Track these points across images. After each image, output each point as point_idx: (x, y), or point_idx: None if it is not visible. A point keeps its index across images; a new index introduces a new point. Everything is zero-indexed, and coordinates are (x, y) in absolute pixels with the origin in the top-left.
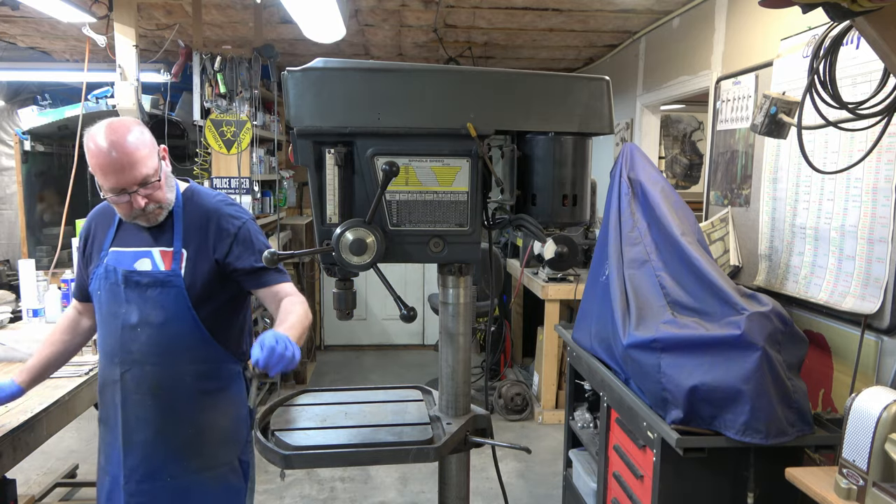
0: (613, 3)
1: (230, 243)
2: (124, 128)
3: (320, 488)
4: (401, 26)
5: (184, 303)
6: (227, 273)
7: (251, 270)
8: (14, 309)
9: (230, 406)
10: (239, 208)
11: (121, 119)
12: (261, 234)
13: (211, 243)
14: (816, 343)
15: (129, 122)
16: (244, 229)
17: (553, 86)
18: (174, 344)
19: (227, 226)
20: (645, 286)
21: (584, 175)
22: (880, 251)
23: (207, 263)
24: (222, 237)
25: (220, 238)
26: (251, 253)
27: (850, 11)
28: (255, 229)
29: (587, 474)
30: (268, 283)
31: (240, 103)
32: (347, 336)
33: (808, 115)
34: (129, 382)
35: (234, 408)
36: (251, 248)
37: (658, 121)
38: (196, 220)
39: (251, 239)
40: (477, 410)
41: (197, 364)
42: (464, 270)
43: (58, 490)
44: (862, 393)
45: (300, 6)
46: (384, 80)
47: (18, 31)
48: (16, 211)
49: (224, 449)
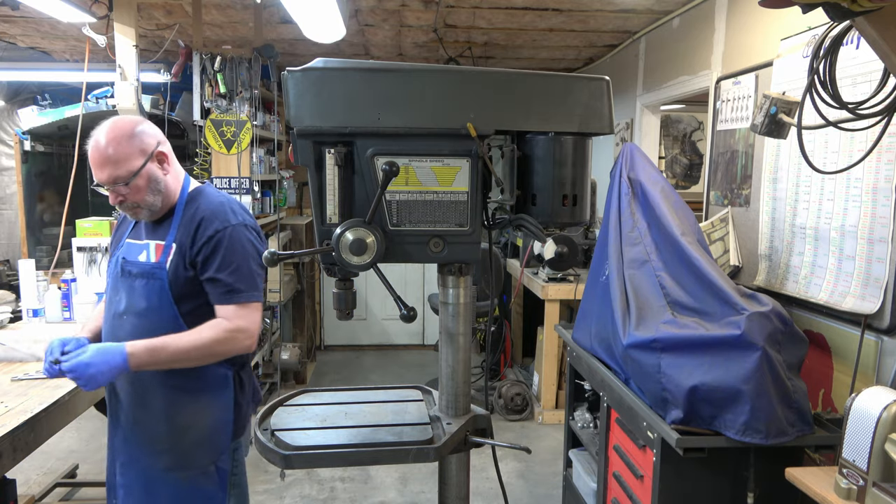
0: (613, 3)
1: (202, 244)
2: (116, 129)
3: (320, 488)
4: (401, 26)
5: (166, 296)
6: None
7: (208, 278)
8: (14, 309)
9: (209, 408)
10: (235, 213)
11: (122, 118)
12: (243, 245)
13: (190, 242)
14: (816, 343)
15: (125, 125)
16: (223, 233)
17: (553, 86)
18: (154, 335)
19: (208, 226)
20: (645, 286)
21: (584, 175)
22: (880, 251)
23: (188, 261)
24: (200, 237)
25: (198, 239)
26: (216, 259)
27: (850, 11)
28: (237, 238)
29: (587, 474)
30: (217, 300)
31: (240, 103)
32: (347, 336)
33: (808, 115)
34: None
35: (214, 411)
36: (218, 253)
37: (658, 121)
38: (190, 218)
39: (224, 245)
40: (477, 410)
41: None
42: (464, 270)
43: (58, 490)
44: (862, 393)
45: (300, 6)
46: (384, 80)
47: (18, 31)
48: (16, 211)
49: (199, 451)
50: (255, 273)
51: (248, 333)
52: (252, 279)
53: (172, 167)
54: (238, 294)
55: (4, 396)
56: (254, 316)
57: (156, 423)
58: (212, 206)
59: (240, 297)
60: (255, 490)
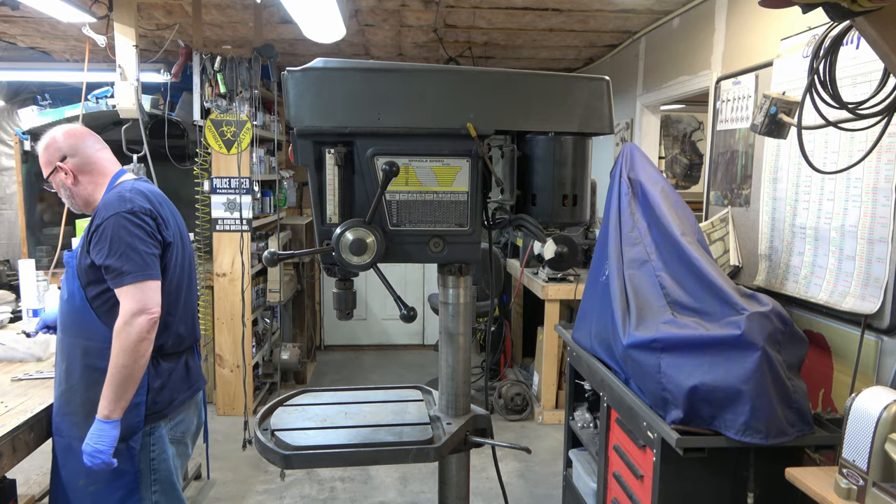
0: (613, 3)
1: (91, 232)
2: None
3: (320, 488)
4: (401, 26)
5: (75, 282)
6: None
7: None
8: (14, 309)
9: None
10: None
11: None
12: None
13: (89, 232)
14: (816, 343)
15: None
16: (108, 221)
17: (553, 86)
18: (67, 318)
19: (97, 216)
20: (645, 286)
21: (584, 175)
22: (880, 251)
23: (87, 250)
24: (92, 228)
25: (91, 228)
26: (102, 246)
27: (850, 11)
28: (121, 224)
29: (587, 474)
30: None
31: (240, 103)
32: (347, 336)
33: (808, 115)
34: (57, 347)
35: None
36: (104, 241)
37: (658, 121)
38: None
39: (107, 232)
40: (477, 410)
41: (87, 340)
42: (464, 270)
43: None
44: (862, 393)
45: (300, 6)
46: (384, 80)
47: (18, 31)
48: (16, 211)
49: None
50: (143, 253)
51: (146, 311)
52: (140, 259)
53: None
54: (127, 275)
55: (4, 396)
56: (148, 294)
57: (75, 396)
58: (108, 198)
59: (129, 277)
60: (255, 490)
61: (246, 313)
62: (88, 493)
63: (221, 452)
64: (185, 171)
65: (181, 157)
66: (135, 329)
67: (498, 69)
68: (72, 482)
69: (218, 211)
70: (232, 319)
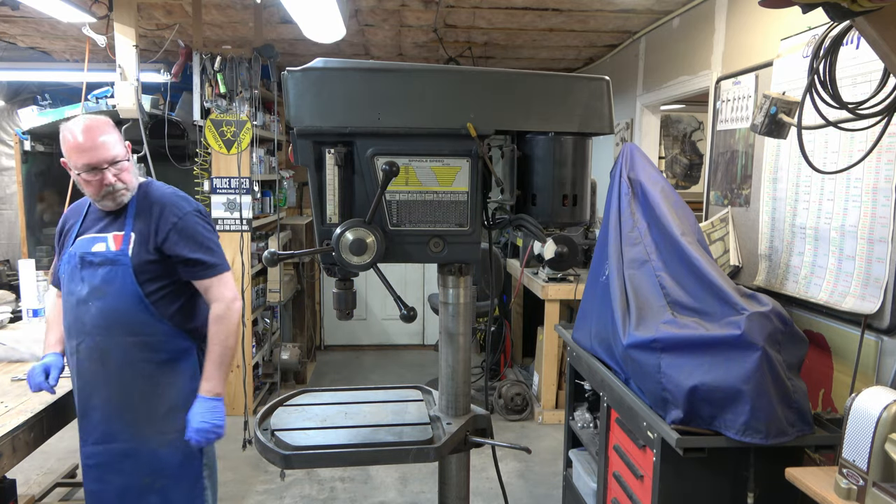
0: (613, 3)
1: (168, 231)
2: (97, 120)
3: (320, 488)
4: (401, 26)
5: (129, 279)
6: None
7: (183, 260)
8: (14, 309)
9: (178, 377)
10: (187, 201)
11: (93, 116)
12: (204, 227)
13: (153, 229)
14: (816, 343)
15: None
16: (184, 220)
17: (553, 86)
18: (119, 317)
19: (169, 215)
20: (645, 286)
21: (584, 175)
22: (880, 251)
23: (151, 247)
24: (163, 225)
25: (162, 225)
26: (186, 243)
27: (850, 11)
28: (196, 221)
29: (587, 474)
30: (196, 277)
31: (240, 103)
32: (347, 336)
33: (808, 115)
34: (83, 352)
35: (182, 379)
36: (187, 238)
37: (658, 121)
38: (146, 208)
39: (189, 230)
40: (477, 410)
41: (142, 336)
42: (464, 270)
43: (58, 490)
44: (862, 393)
45: (300, 6)
46: (384, 80)
47: (18, 31)
48: (16, 211)
49: (173, 415)
50: (220, 247)
51: (238, 297)
52: (221, 252)
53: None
54: (217, 266)
55: (4, 396)
56: (232, 282)
57: (131, 395)
58: (168, 198)
59: (220, 268)
60: (255, 490)
61: (246, 313)
62: (155, 489)
63: (221, 452)
64: (185, 171)
65: (181, 157)
66: (235, 312)
67: (498, 69)
68: (133, 484)
69: (218, 211)
70: None
